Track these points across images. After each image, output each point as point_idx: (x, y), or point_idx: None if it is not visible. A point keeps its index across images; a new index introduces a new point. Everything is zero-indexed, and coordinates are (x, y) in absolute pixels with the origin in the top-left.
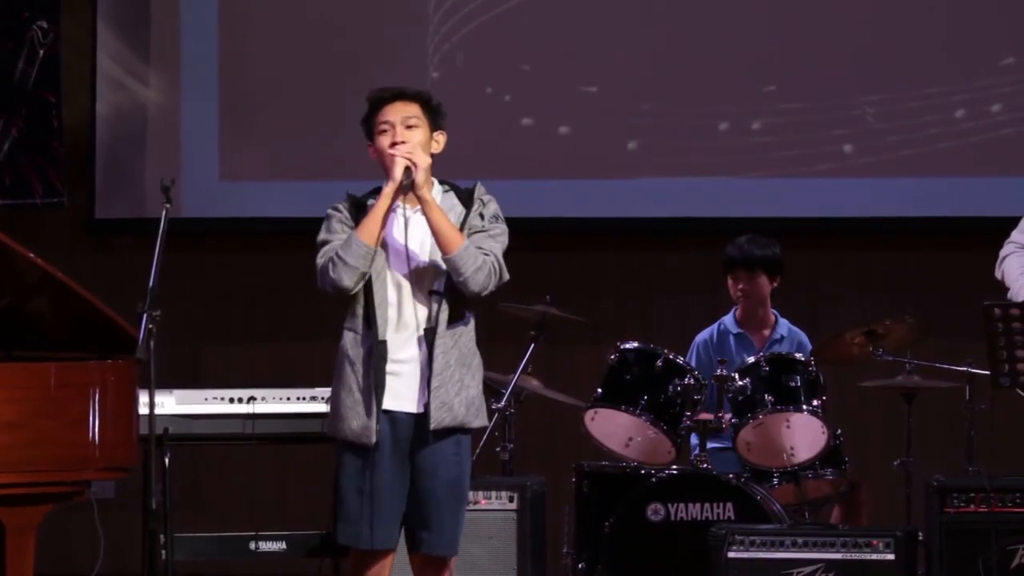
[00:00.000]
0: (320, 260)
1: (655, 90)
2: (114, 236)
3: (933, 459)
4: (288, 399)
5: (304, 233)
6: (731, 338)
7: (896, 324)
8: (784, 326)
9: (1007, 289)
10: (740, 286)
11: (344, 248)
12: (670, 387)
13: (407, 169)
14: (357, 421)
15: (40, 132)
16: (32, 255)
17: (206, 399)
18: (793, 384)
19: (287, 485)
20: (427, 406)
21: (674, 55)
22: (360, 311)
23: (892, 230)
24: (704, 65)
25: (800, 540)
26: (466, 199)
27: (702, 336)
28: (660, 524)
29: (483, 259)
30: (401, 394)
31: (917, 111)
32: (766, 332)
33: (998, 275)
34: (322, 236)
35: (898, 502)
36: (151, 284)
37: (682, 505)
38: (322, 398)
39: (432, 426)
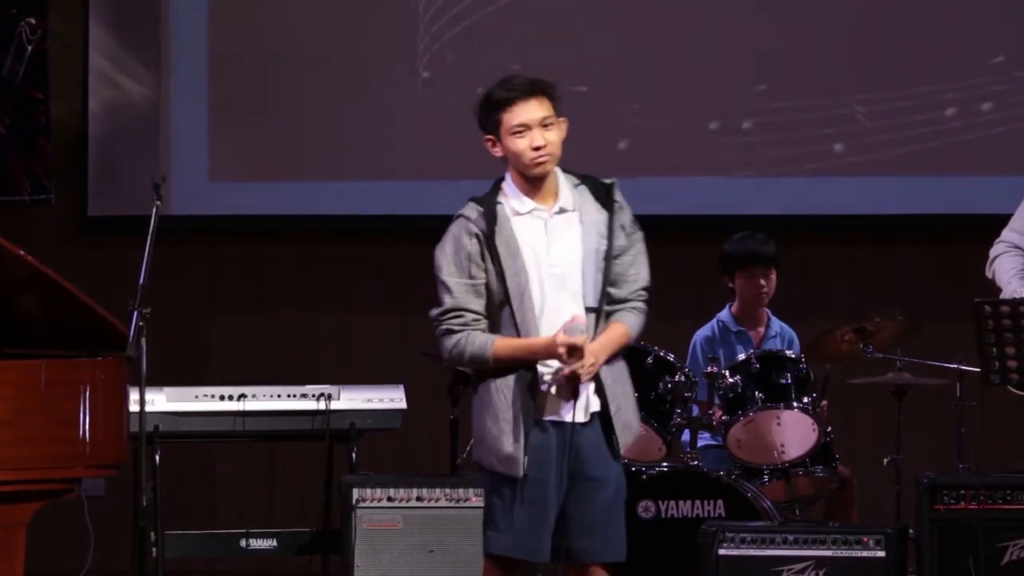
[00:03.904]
0: (445, 322)
1: (645, 90)
2: (105, 234)
3: (923, 456)
4: (278, 396)
5: (294, 232)
6: (732, 335)
7: (886, 322)
8: (776, 323)
9: (999, 290)
10: (761, 283)
11: (472, 357)
12: (660, 384)
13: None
14: (504, 452)
15: (27, 129)
16: (22, 252)
17: (196, 396)
18: (784, 381)
19: (277, 482)
20: (603, 429)
21: (664, 55)
22: (503, 333)
23: (883, 228)
24: (694, 64)
25: (791, 537)
26: (603, 199)
27: (703, 333)
28: (650, 521)
29: (643, 317)
30: (557, 403)
31: (908, 110)
32: (761, 329)
33: (989, 275)
34: (446, 272)
35: (888, 499)
36: (141, 281)
37: (672, 502)
38: (312, 395)
39: (622, 450)
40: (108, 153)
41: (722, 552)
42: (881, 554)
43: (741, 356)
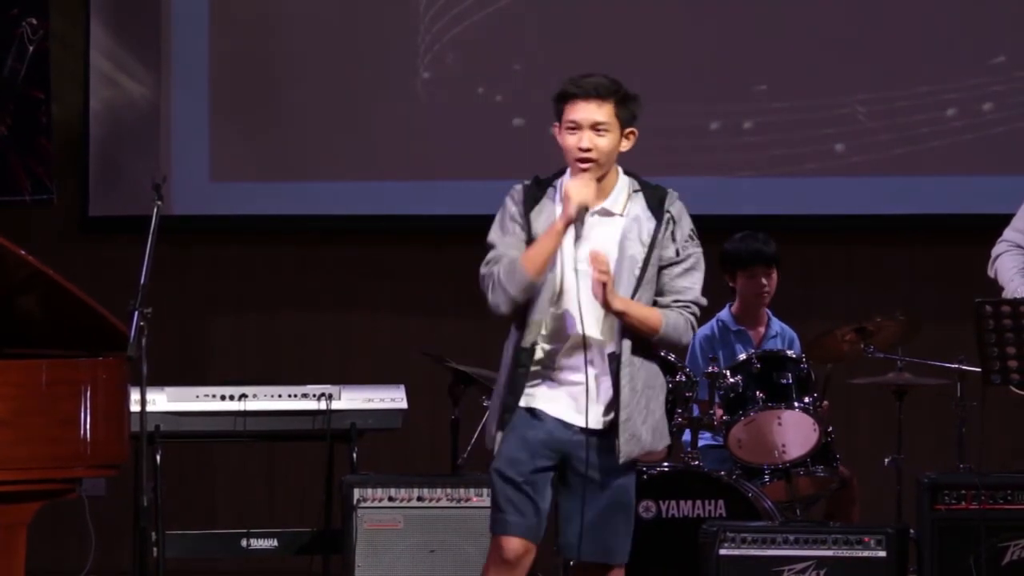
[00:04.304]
0: (483, 269)
1: (646, 89)
2: (105, 234)
3: (924, 456)
4: (279, 396)
5: (294, 232)
6: (731, 335)
7: (887, 321)
8: (776, 323)
9: (1001, 288)
10: (763, 282)
11: (507, 274)
12: None
13: (581, 208)
14: (490, 429)
15: (29, 129)
16: (23, 252)
17: (197, 396)
18: (784, 381)
19: (278, 482)
20: (609, 433)
21: (665, 54)
22: (519, 313)
23: (883, 228)
24: (695, 64)
25: (791, 537)
26: (655, 207)
27: (702, 332)
28: (651, 521)
29: (684, 323)
30: (564, 404)
31: (908, 110)
32: (761, 329)
33: (991, 274)
34: (492, 235)
35: (889, 499)
36: (142, 281)
37: (673, 502)
38: (313, 395)
39: (622, 460)
40: (109, 153)
41: (723, 552)
42: (882, 554)
43: (742, 356)
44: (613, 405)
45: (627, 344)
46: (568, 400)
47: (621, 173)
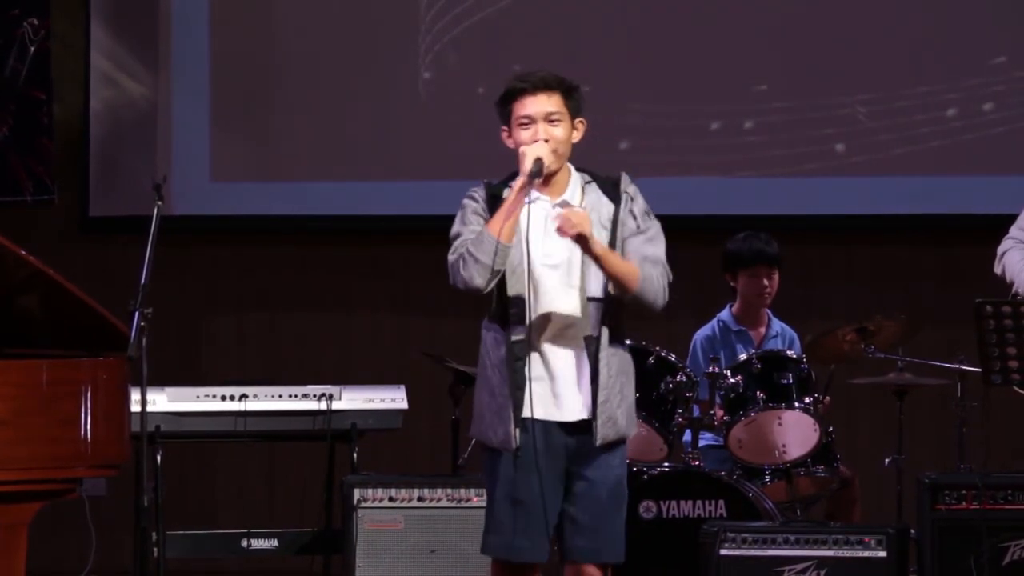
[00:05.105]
0: (451, 256)
1: (647, 90)
2: (105, 234)
3: (925, 456)
4: (280, 397)
5: (294, 232)
6: (732, 335)
7: (887, 321)
8: (777, 323)
9: (1010, 284)
10: (764, 283)
11: (475, 244)
12: (662, 385)
13: (537, 160)
14: (501, 427)
15: (30, 129)
16: (23, 252)
17: (198, 397)
18: (785, 382)
19: (278, 482)
20: (591, 420)
21: (666, 54)
22: (496, 309)
23: (883, 228)
24: (696, 64)
25: (792, 537)
26: (611, 191)
27: (703, 332)
28: (652, 521)
29: (658, 280)
30: (550, 401)
31: (908, 110)
32: (762, 329)
33: (997, 271)
34: (455, 229)
35: (890, 499)
36: (143, 282)
37: (674, 503)
38: (313, 396)
39: (598, 442)
40: (109, 153)
41: (723, 552)
42: (882, 554)
43: (742, 356)
44: (591, 391)
45: (605, 330)
46: (551, 396)
47: (572, 169)
